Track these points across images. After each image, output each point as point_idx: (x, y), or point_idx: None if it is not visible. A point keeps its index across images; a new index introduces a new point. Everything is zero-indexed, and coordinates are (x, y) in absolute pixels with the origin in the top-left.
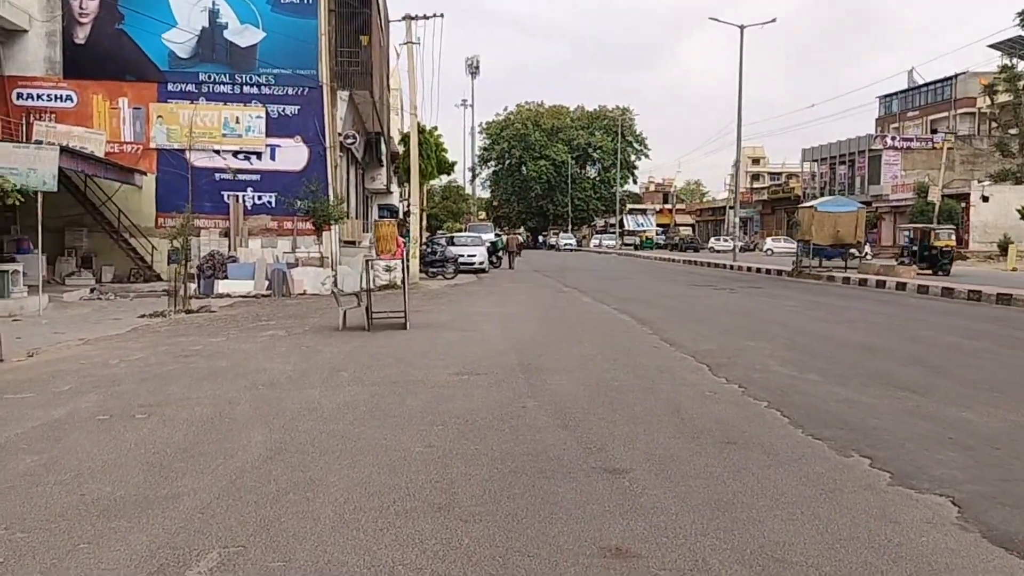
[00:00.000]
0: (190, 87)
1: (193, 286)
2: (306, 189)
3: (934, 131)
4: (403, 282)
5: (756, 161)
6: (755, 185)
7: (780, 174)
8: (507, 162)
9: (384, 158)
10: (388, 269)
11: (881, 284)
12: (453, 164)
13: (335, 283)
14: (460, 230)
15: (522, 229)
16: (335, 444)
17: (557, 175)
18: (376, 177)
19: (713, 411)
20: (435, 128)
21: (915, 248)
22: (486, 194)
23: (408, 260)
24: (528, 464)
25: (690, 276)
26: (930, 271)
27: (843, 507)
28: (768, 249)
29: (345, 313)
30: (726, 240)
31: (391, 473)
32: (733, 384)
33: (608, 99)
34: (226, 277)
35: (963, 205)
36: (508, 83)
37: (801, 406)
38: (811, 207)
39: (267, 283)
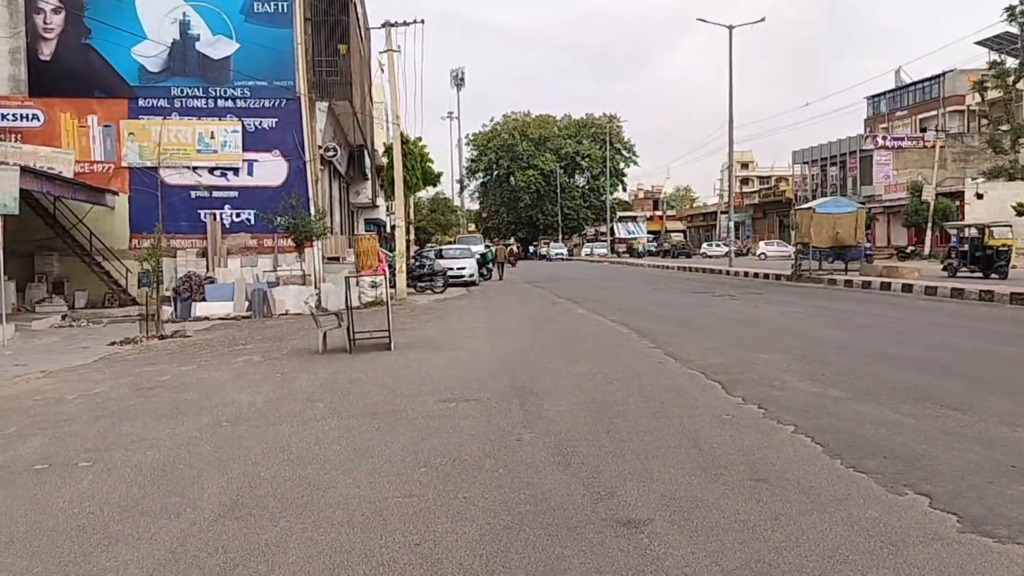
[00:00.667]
0: (162, 102)
1: (169, 310)
2: (285, 204)
3: (923, 130)
4: (387, 298)
5: (745, 165)
6: (745, 189)
7: (769, 177)
8: (495, 173)
9: (369, 171)
10: (374, 285)
11: (886, 286)
12: (439, 175)
13: (318, 301)
14: (450, 242)
15: (512, 239)
16: (301, 495)
17: (546, 184)
18: (361, 191)
19: (735, 439)
20: (419, 139)
21: (964, 248)
22: (475, 206)
23: (395, 275)
24: (526, 517)
25: (687, 283)
26: (981, 274)
27: (911, 566)
28: (761, 253)
29: (325, 335)
30: (718, 245)
31: (363, 534)
32: (751, 404)
33: (593, 106)
34: (204, 299)
35: (957, 203)
36: (493, 94)
37: (833, 430)
38: (809, 209)
39: (247, 304)
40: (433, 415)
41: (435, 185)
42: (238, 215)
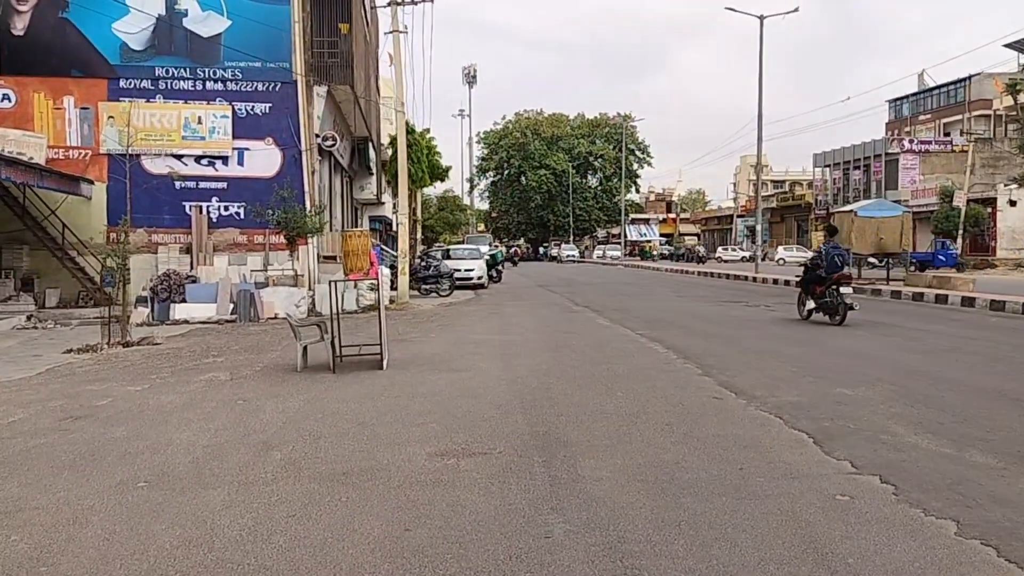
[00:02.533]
0: (145, 83)
1: (146, 311)
2: (277, 196)
3: (947, 134)
4: (379, 307)
5: None
6: (760, 193)
7: (783, 181)
8: (506, 172)
9: (374, 165)
10: (373, 288)
11: (942, 299)
12: (447, 170)
13: (312, 305)
14: (458, 243)
15: (522, 240)
16: None
17: (557, 185)
18: (365, 186)
19: (878, 551)
20: (427, 130)
21: None
22: (484, 205)
23: (396, 276)
24: None
25: (712, 290)
26: None
27: None
28: (780, 259)
29: (305, 349)
30: (734, 249)
31: None
32: (869, 475)
33: (603, 108)
34: (184, 300)
35: (989, 210)
36: (506, 95)
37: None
38: (850, 212)
39: (232, 306)
40: (424, 480)
41: (443, 180)
42: (226, 208)
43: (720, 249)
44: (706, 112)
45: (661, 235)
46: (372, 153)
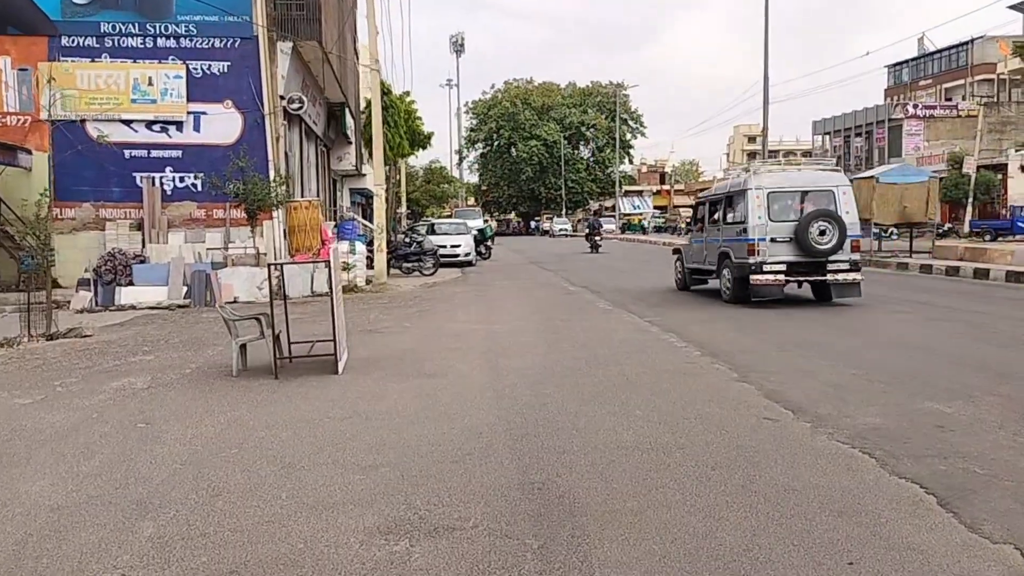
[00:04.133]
0: (90, 41)
1: (89, 296)
2: (233, 165)
3: (948, 99)
4: (332, 297)
5: (752, 139)
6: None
7: (778, 151)
8: (496, 143)
9: (352, 133)
10: (347, 267)
11: (982, 273)
12: (429, 136)
13: (280, 286)
14: (449, 216)
15: (513, 214)
16: None
17: (549, 156)
18: (344, 156)
19: None
20: (407, 93)
21: None
22: (474, 178)
23: (375, 254)
24: None
25: None
26: None
27: None
28: None
29: (243, 350)
30: None
31: None
32: None
33: (597, 78)
34: (131, 283)
35: (999, 176)
36: (495, 67)
37: None
38: (871, 178)
39: (186, 289)
40: None
41: (424, 148)
42: (182, 180)
43: None
44: (694, 83)
45: (655, 207)
46: (350, 120)
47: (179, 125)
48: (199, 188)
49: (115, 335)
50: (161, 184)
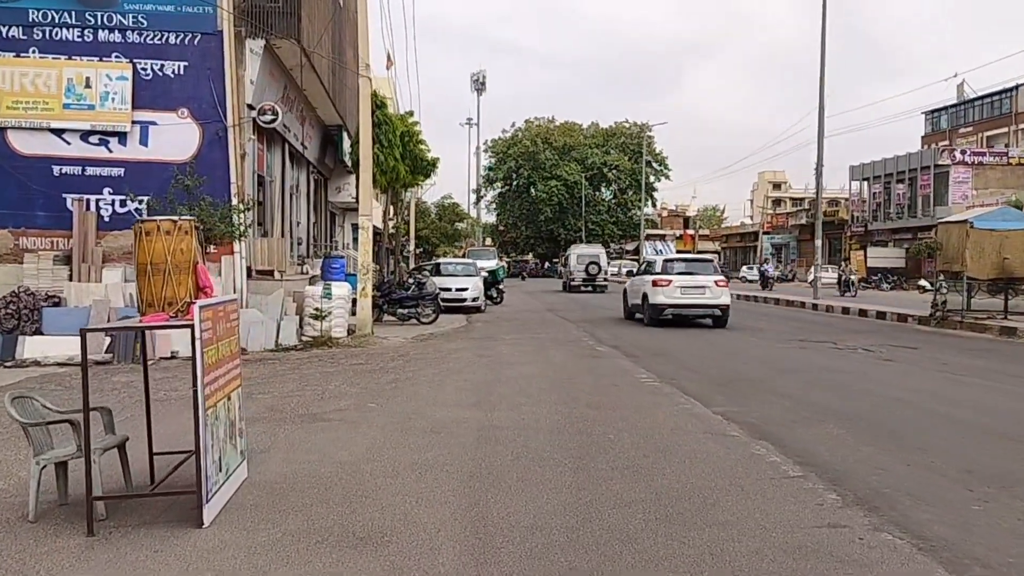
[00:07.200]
0: (14, 32)
1: None
2: (179, 184)
3: (991, 147)
4: (196, 385)
5: (777, 186)
6: (778, 210)
7: (803, 199)
8: (514, 183)
9: (348, 158)
10: (318, 315)
11: None
12: (434, 163)
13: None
14: (463, 256)
15: (531, 256)
16: None
17: (569, 197)
18: (343, 187)
19: None
20: (410, 113)
21: None
22: (491, 218)
23: (360, 298)
24: None
25: (771, 320)
26: None
27: None
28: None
29: (63, 468)
30: (759, 268)
31: None
32: None
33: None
34: (39, 331)
35: None
36: (517, 110)
37: None
38: (963, 223)
39: (108, 341)
40: None
41: (427, 176)
42: (123, 204)
43: (745, 268)
44: (714, 129)
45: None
46: (347, 145)
47: (122, 137)
48: (145, 214)
49: None
50: (98, 208)
